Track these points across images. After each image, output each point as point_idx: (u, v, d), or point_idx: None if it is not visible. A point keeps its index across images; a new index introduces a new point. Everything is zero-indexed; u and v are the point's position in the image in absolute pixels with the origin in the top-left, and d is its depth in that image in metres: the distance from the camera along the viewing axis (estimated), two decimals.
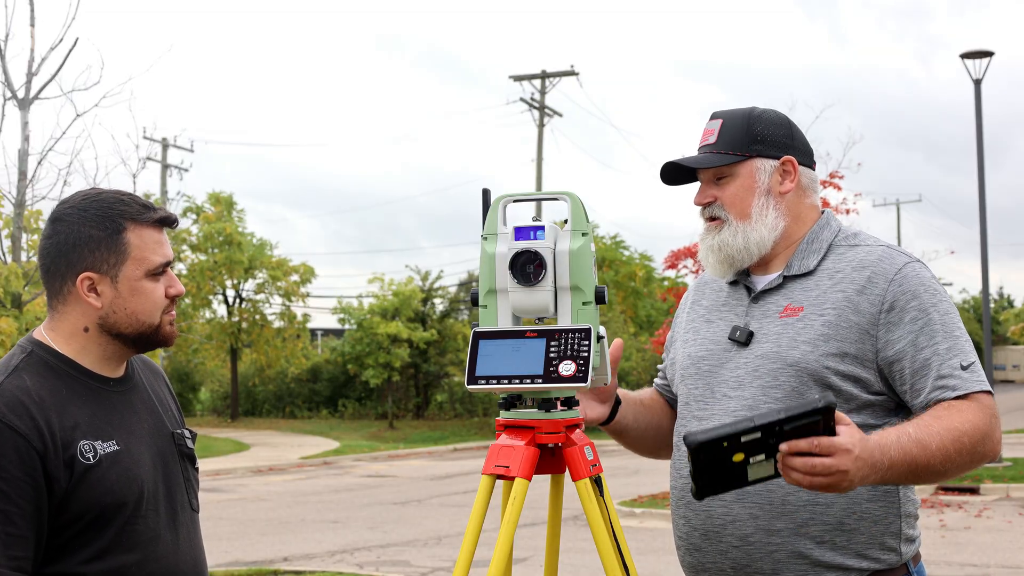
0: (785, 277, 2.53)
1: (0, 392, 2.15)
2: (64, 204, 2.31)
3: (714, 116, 2.60)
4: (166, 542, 2.30)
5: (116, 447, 2.23)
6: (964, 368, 2.37)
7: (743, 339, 2.50)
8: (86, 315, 2.25)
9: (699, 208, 2.60)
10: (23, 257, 7.63)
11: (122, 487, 2.21)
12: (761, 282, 2.57)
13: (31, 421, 2.13)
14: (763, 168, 2.53)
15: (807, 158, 2.60)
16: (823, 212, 2.62)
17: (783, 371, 2.43)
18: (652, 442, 2.79)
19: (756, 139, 2.53)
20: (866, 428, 2.40)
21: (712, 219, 2.57)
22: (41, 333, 2.31)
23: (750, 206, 2.52)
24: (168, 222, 2.32)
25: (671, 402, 2.78)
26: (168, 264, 2.31)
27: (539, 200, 2.63)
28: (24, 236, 7.61)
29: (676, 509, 2.58)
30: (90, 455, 2.18)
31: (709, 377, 2.54)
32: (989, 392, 2.38)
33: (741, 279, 2.60)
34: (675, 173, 2.61)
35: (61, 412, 2.18)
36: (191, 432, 2.47)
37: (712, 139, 2.56)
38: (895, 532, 2.43)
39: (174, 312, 2.34)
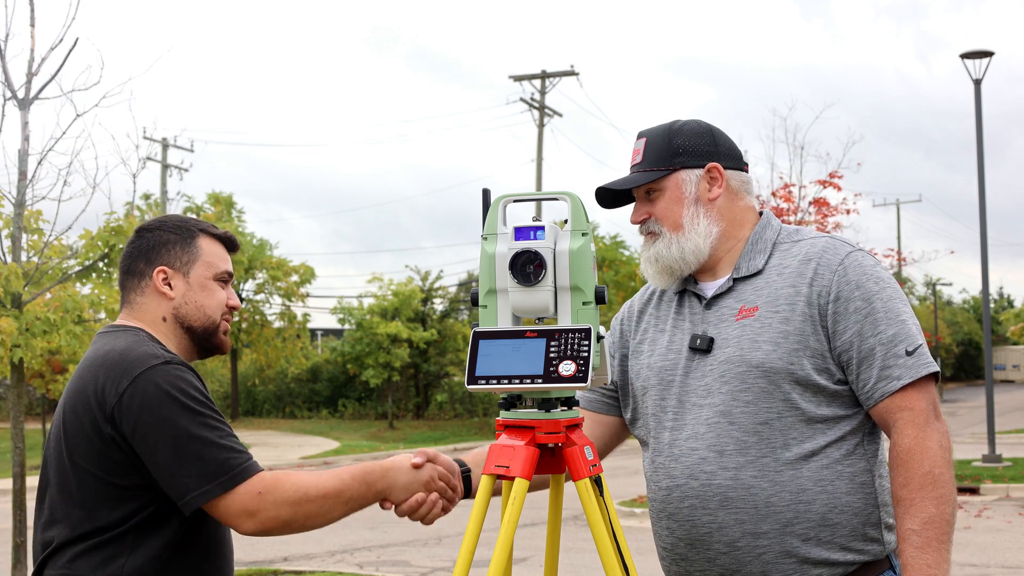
0: (735, 279, 2.56)
1: (171, 358, 2.42)
2: (148, 222, 2.65)
3: (639, 136, 2.66)
4: None
5: None
6: (909, 353, 2.39)
7: (704, 346, 2.52)
8: (161, 305, 2.55)
9: (637, 226, 2.65)
10: (23, 257, 7.61)
11: None
12: (711, 288, 2.60)
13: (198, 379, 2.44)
14: (688, 179, 2.58)
15: (735, 162, 2.64)
16: (761, 213, 2.65)
17: (749, 373, 2.44)
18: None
19: (678, 152, 2.59)
20: (838, 419, 2.44)
21: (649, 234, 2.61)
22: (127, 322, 2.54)
23: (681, 217, 2.57)
24: (233, 243, 2.66)
25: (606, 412, 2.79)
26: (231, 276, 2.64)
27: (539, 200, 2.63)
28: (24, 236, 7.59)
29: (658, 520, 2.57)
30: None
31: (677, 388, 2.55)
32: (933, 374, 2.41)
33: (689, 287, 2.63)
34: (612, 196, 2.66)
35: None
36: None
37: (638, 158, 2.63)
38: (875, 522, 2.46)
39: (228, 325, 2.65)
